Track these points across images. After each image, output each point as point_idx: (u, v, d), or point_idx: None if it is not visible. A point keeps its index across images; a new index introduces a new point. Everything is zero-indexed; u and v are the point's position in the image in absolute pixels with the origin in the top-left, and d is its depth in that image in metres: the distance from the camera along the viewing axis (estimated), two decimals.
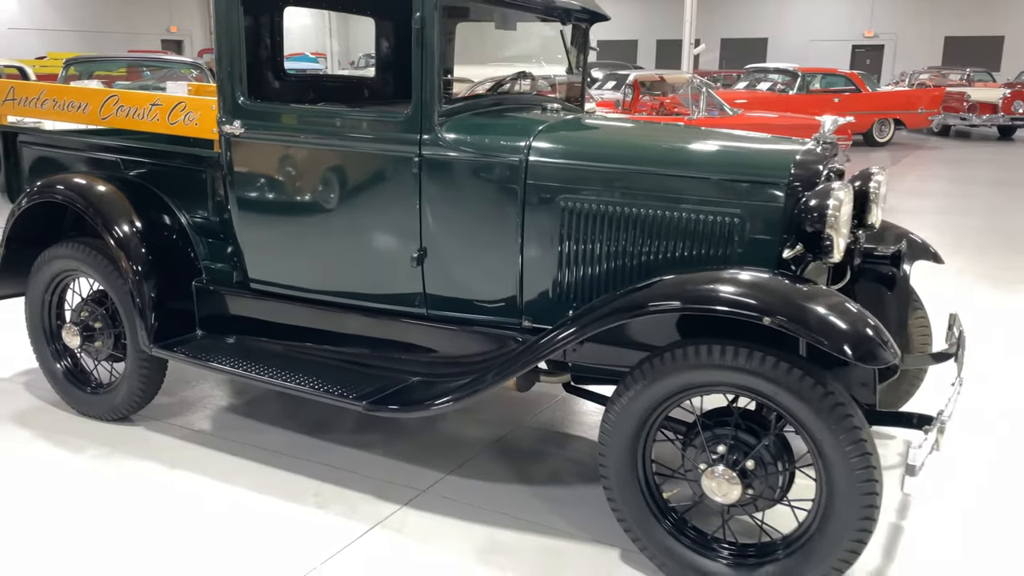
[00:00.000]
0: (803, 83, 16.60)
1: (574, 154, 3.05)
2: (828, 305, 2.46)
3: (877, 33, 31.35)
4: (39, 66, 17.27)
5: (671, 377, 2.59)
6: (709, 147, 3.11)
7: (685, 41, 20.40)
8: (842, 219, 2.67)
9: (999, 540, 3.04)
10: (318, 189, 3.33)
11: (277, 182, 3.41)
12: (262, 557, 2.87)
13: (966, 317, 3.76)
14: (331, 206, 3.31)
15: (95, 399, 3.89)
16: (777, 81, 16.96)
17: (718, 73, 24.90)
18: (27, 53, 22.32)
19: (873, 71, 30.74)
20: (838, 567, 2.49)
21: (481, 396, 2.96)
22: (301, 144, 3.34)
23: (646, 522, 2.73)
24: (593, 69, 23.19)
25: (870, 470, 2.38)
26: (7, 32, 27.05)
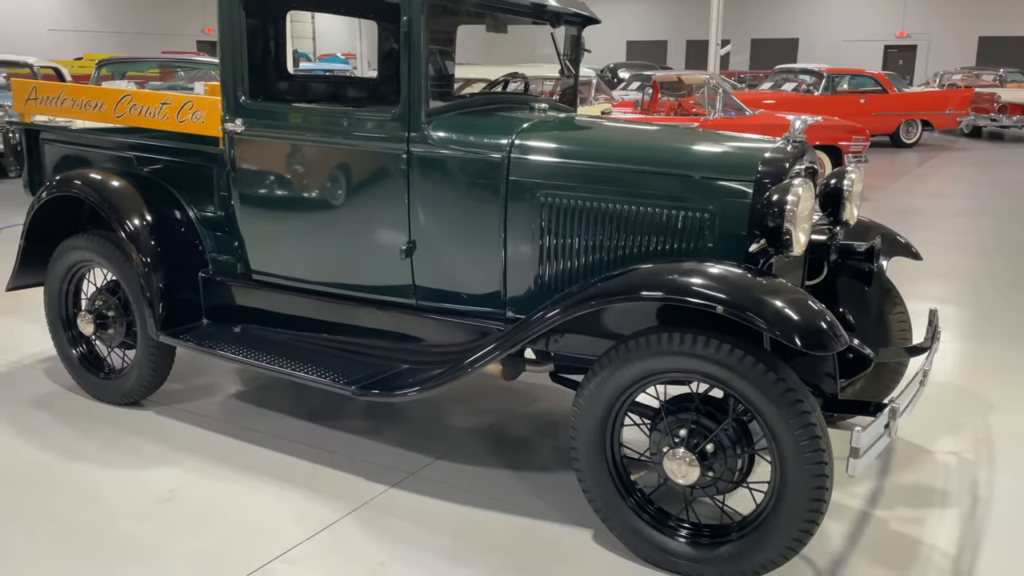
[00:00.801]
0: (829, 84, 16.53)
1: (554, 152, 3.19)
2: (781, 296, 2.57)
3: (910, 33, 31.04)
4: (77, 67, 17.71)
5: (634, 364, 2.71)
6: (683, 146, 3.22)
7: (711, 42, 20.40)
8: (800, 214, 2.77)
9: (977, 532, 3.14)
10: (313, 184, 3.50)
11: (275, 178, 3.58)
12: (249, 532, 3.03)
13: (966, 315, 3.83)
14: (326, 200, 3.48)
15: (108, 384, 4.09)
16: (802, 82, 16.90)
17: (744, 73, 24.83)
18: (67, 54, 22.88)
19: (906, 72, 30.45)
20: (791, 546, 2.60)
21: (457, 383, 3.11)
22: (297, 141, 3.52)
23: (613, 501, 2.86)
24: (620, 70, 23.31)
25: (819, 453, 2.49)
26: (48, 33, 27.69)
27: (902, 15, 30.96)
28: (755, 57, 32.71)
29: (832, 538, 3.04)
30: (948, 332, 5.45)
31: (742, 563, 2.68)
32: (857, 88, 17.17)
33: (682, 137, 3.38)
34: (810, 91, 16.58)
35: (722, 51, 20.59)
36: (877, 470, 3.56)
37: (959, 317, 5.81)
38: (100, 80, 11.57)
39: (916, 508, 3.25)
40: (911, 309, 3.76)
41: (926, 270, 7.19)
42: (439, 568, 2.83)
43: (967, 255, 7.89)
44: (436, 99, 3.44)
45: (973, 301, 6.26)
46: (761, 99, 16.40)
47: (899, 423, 2.69)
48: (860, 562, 2.90)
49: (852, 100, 16.67)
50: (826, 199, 3.48)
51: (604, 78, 21.43)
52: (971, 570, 2.86)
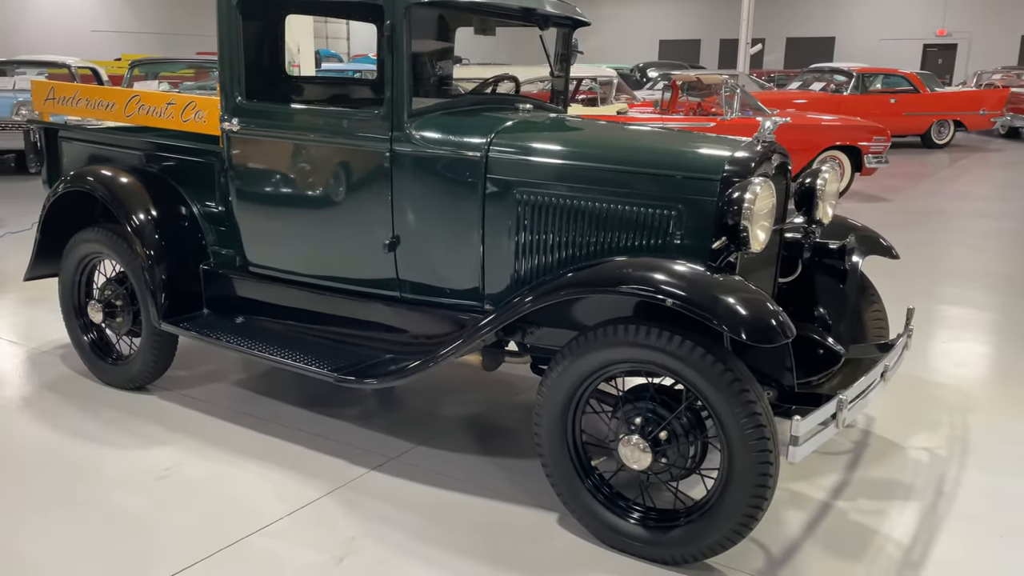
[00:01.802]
0: (859, 83, 16.42)
1: (529, 151, 3.31)
2: (730, 291, 2.68)
3: (950, 32, 30.58)
4: (116, 67, 18.17)
5: (593, 354, 2.84)
6: (654, 145, 3.34)
7: (741, 41, 20.37)
8: (757, 212, 2.88)
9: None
10: (304, 181, 3.67)
11: (268, 175, 3.77)
12: (234, 508, 3.21)
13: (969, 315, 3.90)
14: (315, 197, 3.65)
15: (115, 369, 4.31)
16: (831, 81, 16.81)
17: (775, 73, 24.68)
18: (108, 55, 23.44)
19: (945, 71, 30.03)
20: (738, 530, 2.71)
21: (439, 373, 3.26)
22: (289, 140, 3.69)
23: (573, 485, 2.99)
24: (649, 69, 23.30)
25: (763, 441, 2.59)
26: (90, 34, 28.38)
27: (942, 13, 30.52)
28: (790, 56, 32.44)
29: (789, 526, 3.14)
30: (947, 331, 5.50)
31: (691, 546, 2.79)
32: (888, 88, 17.03)
33: (655, 137, 3.50)
34: (839, 91, 16.49)
35: (752, 50, 20.56)
36: (846, 463, 3.65)
37: (960, 317, 5.84)
38: (133, 81, 11.89)
39: (878, 500, 3.34)
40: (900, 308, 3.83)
41: (931, 270, 7.22)
42: (406, 544, 2.99)
43: (981, 256, 7.87)
44: (422, 99, 3.60)
45: (978, 301, 6.27)
46: (791, 99, 16.36)
47: (847, 415, 2.78)
48: (813, 550, 3.00)
49: (882, 100, 16.54)
50: (800, 198, 3.58)
51: (632, 78, 21.49)
52: (922, 560, 2.95)
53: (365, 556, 2.92)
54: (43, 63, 14.30)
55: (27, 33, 26.72)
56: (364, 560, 2.90)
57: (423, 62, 4.22)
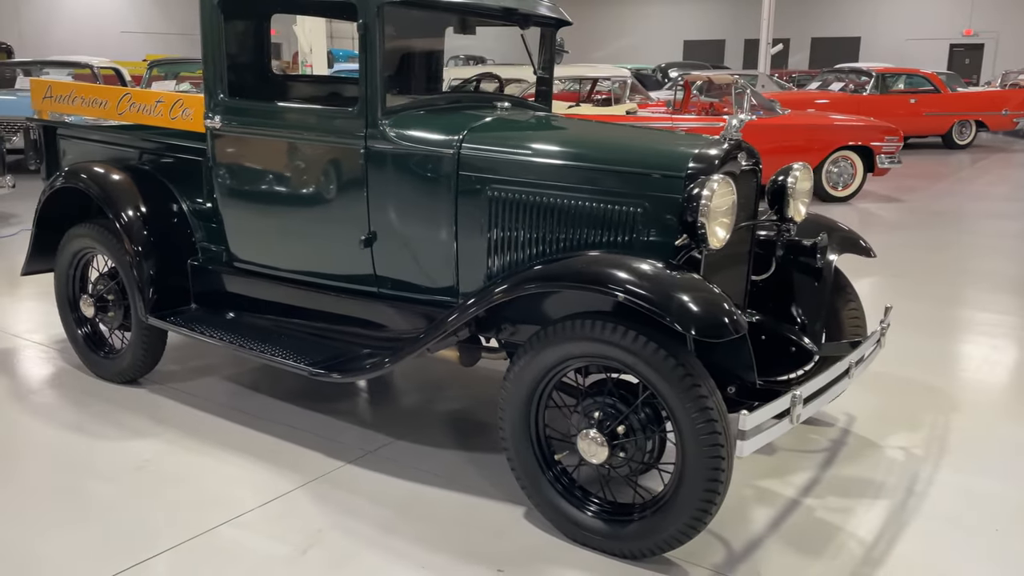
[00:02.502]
0: (878, 84, 16.28)
1: (500, 148, 3.35)
2: (681, 287, 2.70)
3: (977, 32, 30.18)
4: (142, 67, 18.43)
5: (553, 348, 2.87)
6: (621, 143, 3.36)
7: (762, 41, 20.32)
8: (715, 209, 2.89)
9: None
10: (283, 178, 3.74)
11: (249, 171, 3.84)
12: (206, 499, 3.28)
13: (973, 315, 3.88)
14: (294, 193, 3.72)
15: (107, 363, 4.40)
16: (850, 81, 16.68)
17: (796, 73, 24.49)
18: (137, 55, 23.78)
19: (972, 71, 29.64)
20: (692, 524, 2.72)
21: (398, 366, 3.31)
22: (268, 137, 3.76)
23: (536, 478, 3.03)
24: (671, 69, 23.24)
25: (715, 436, 2.61)
26: (120, 35, 28.81)
27: (969, 13, 30.13)
28: (815, 56, 32.17)
29: (754, 522, 3.15)
30: (943, 332, 5.47)
31: (648, 540, 2.81)
32: (908, 88, 16.86)
33: (624, 136, 3.52)
34: (858, 91, 16.36)
35: (773, 50, 20.48)
36: (820, 461, 3.64)
37: (959, 317, 5.80)
38: (152, 80, 12.08)
39: (847, 498, 3.34)
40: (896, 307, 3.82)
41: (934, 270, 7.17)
42: (372, 537, 3.03)
43: (989, 256, 7.79)
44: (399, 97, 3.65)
45: (979, 302, 6.21)
46: (811, 99, 16.26)
47: (802, 411, 2.78)
48: (774, 546, 3.01)
49: (902, 100, 16.40)
50: (772, 197, 3.59)
51: (653, 78, 21.46)
52: (882, 557, 2.95)
53: (329, 548, 2.97)
54: (67, 63, 14.54)
55: (59, 34, 27.18)
56: (328, 552, 2.94)
57: (408, 60, 4.28)
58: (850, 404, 4.15)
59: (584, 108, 10.43)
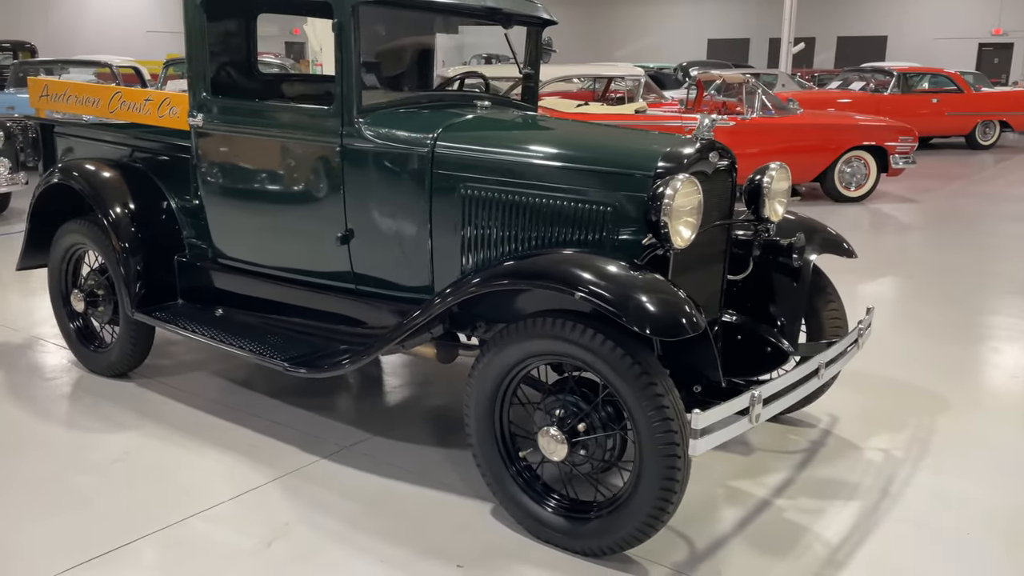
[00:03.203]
0: (900, 83, 16.09)
1: (473, 147, 3.36)
2: (640, 286, 2.70)
3: (1006, 31, 29.74)
4: None
5: (515, 345, 2.88)
6: (594, 141, 3.36)
7: (783, 39, 20.19)
8: (678, 208, 2.88)
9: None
10: (263, 175, 3.78)
11: (230, 169, 3.88)
12: (180, 491, 3.32)
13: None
14: (273, 191, 3.76)
15: (97, 357, 4.47)
16: (870, 80, 16.50)
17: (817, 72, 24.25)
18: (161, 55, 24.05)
19: (1001, 71, 29.22)
20: (649, 523, 2.72)
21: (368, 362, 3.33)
22: (248, 135, 3.80)
23: (499, 474, 3.04)
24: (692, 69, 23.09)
25: (671, 435, 2.60)
26: (146, 35, 29.17)
27: (998, 12, 29.69)
28: (841, 55, 31.85)
29: (721, 522, 3.14)
30: (937, 333, 5.41)
31: (607, 538, 2.81)
32: (933, 87, 16.65)
33: (598, 134, 3.52)
34: (879, 91, 16.18)
35: (795, 49, 20.34)
36: (796, 462, 3.62)
37: (955, 319, 5.72)
38: (168, 79, 12.21)
39: (819, 500, 3.31)
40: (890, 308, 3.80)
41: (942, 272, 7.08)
42: (338, 531, 3.05)
43: (995, 258, 7.69)
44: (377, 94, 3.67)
45: (977, 304, 6.13)
46: (831, 98, 16.11)
47: (762, 411, 2.76)
48: (739, 546, 2.99)
49: (924, 100, 16.21)
50: (748, 196, 3.57)
51: (673, 77, 21.34)
52: (846, 559, 2.92)
53: (294, 541, 2.99)
54: (88, 63, 14.73)
55: (86, 34, 27.58)
56: (292, 545, 2.97)
57: (394, 59, 4.30)
58: (835, 405, 4.12)
59: (593, 107, 10.41)
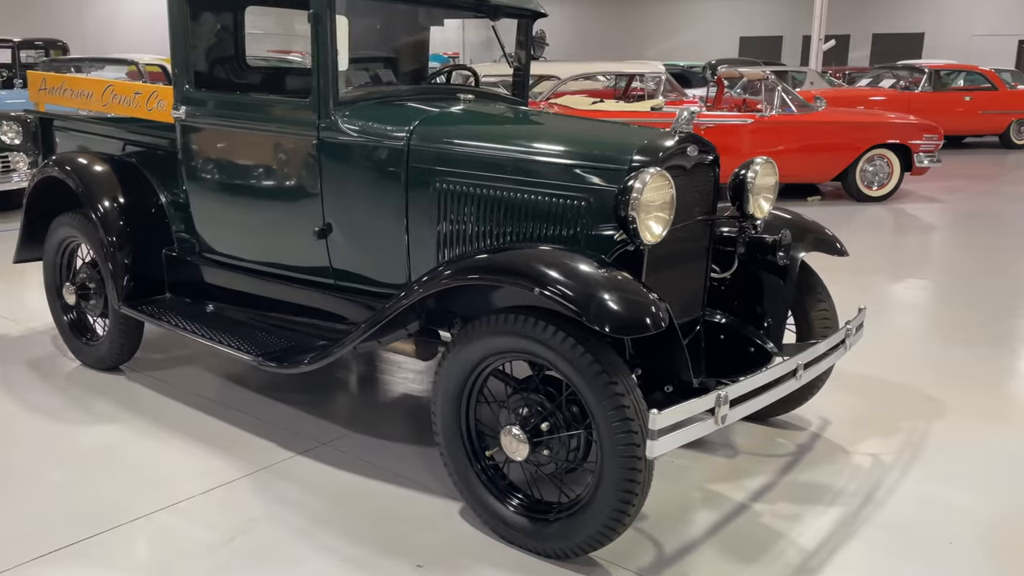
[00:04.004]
0: (932, 80, 15.76)
1: (448, 140, 3.31)
2: (600, 283, 2.63)
3: None
4: None
5: (479, 342, 2.83)
6: (567, 134, 3.30)
7: (814, 37, 19.90)
8: (647, 202, 2.80)
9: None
10: (243, 168, 3.77)
11: (213, 162, 3.88)
12: (152, 485, 3.31)
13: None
14: (253, 184, 3.74)
15: (88, 349, 4.49)
16: (901, 78, 16.19)
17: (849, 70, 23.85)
18: None
19: None
20: (611, 526, 2.65)
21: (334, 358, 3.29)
22: (229, 128, 3.79)
23: (465, 472, 2.98)
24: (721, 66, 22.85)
25: (630, 435, 2.53)
26: None
27: None
28: (876, 53, 31.29)
29: (694, 526, 3.06)
30: (947, 336, 5.26)
31: (569, 540, 2.74)
32: (968, 85, 16.29)
33: (574, 128, 3.46)
34: (910, 88, 15.87)
35: (825, 46, 20.03)
36: (780, 466, 3.53)
37: (970, 322, 5.57)
38: None
39: (798, 505, 3.22)
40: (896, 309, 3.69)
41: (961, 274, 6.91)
42: (302, 528, 3.02)
43: (1019, 260, 7.48)
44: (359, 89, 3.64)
45: (1000, 308, 5.95)
46: (863, 96, 15.83)
47: (730, 412, 2.68)
48: (709, 551, 2.91)
49: (956, 98, 15.86)
50: (732, 192, 3.48)
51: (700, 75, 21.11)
52: (819, 567, 2.83)
53: (256, 537, 2.97)
54: (116, 60, 14.89)
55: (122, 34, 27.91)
56: (253, 541, 2.94)
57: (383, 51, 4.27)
58: (827, 407, 4.02)
59: (609, 104, 10.31)
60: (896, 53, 26.03)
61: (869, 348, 4.76)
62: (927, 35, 31.05)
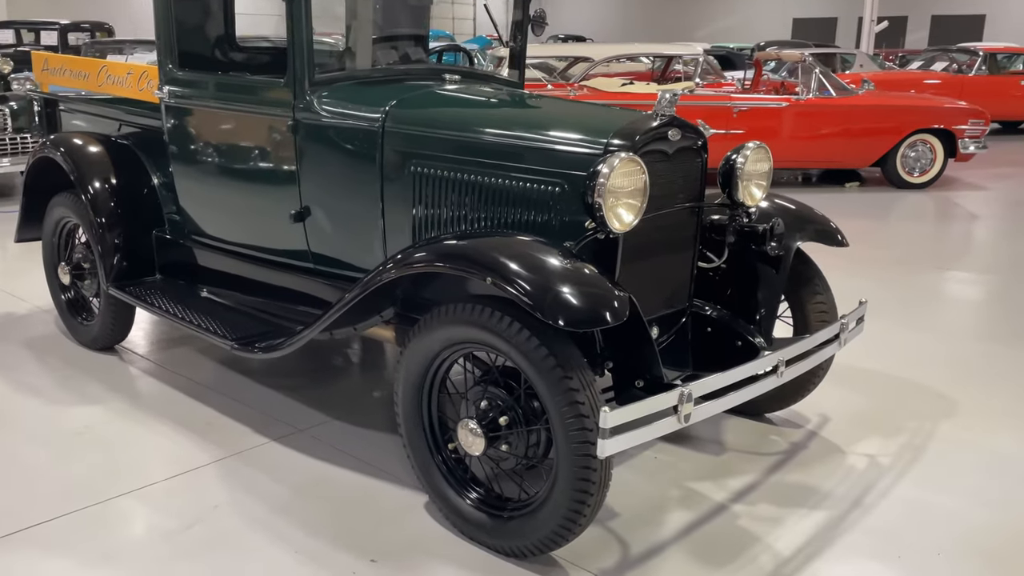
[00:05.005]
0: (987, 63, 15.16)
1: (421, 123, 3.21)
2: (558, 274, 2.50)
3: None
4: None
5: (438, 331, 2.72)
6: (545, 118, 3.18)
7: (866, 17, 19.34)
8: (614, 188, 2.66)
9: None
10: (222, 149, 3.71)
11: (195, 143, 3.82)
12: (123, 468, 3.28)
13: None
14: (233, 166, 3.69)
15: (83, 329, 4.49)
16: (954, 61, 15.60)
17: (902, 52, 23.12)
18: None
19: None
20: (566, 526, 2.53)
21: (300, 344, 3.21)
22: (209, 109, 3.73)
23: (427, 464, 2.89)
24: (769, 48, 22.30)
25: (585, 432, 2.41)
26: None
27: None
28: (935, 35, 30.29)
29: (666, 526, 2.93)
30: (972, 333, 5.02)
31: (527, 538, 2.64)
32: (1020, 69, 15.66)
33: (552, 110, 3.33)
34: (963, 72, 15.29)
35: (877, 28, 19.45)
36: (769, 465, 3.37)
37: (1000, 317, 5.30)
38: None
39: (781, 507, 3.06)
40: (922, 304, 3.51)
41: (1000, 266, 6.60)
42: (261, 516, 2.96)
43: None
44: None
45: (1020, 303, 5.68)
46: (914, 80, 15.31)
47: (695, 410, 2.53)
48: (676, 554, 2.78)
49: (1012, 82, 15.22)
50: (723, 179, 3.31)
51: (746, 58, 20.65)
52: (792, 574, 2.68)
53: (215, 526, 2.91)
54: None
55: None
56: (211, 529, 2.89)
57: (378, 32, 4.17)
58: (829, 405, 3.84)
59: (638, 86, 10.09)
60: (956, 35, 25.20)
61: (887, 342, 4.59)
62: (989, 17, 29.97)
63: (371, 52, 4.13)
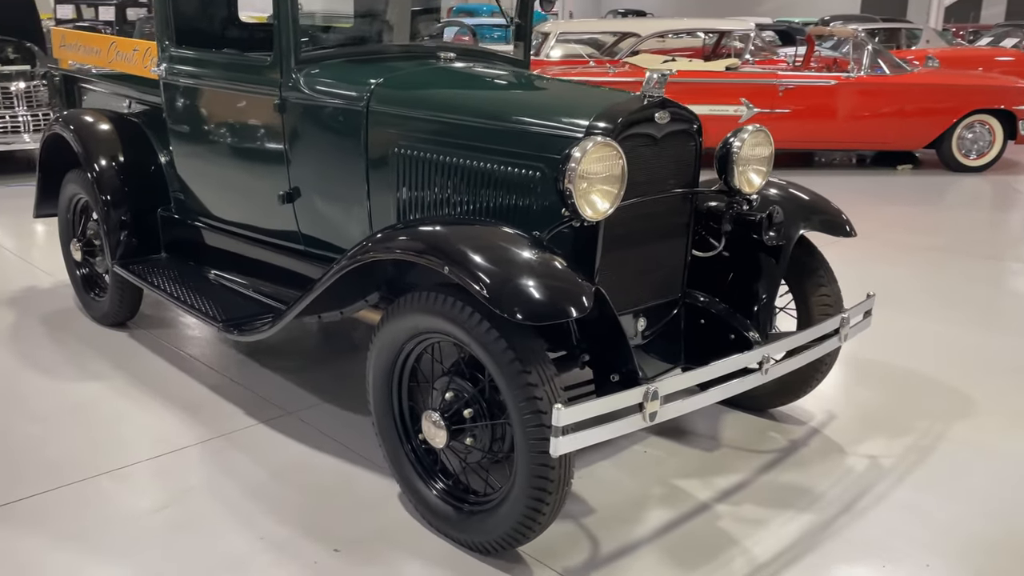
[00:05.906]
0: None
1: (405, 103, 3.14)
2: (520, 265, 2.41)
3: None
4: None
5: (405, 318, 2.65)
6: (528, 98, 3.08)
7: None
8: (586, 173, 2.54)
9: None
10: (216, 128, 3.69)
11: (190, 120, 3.82)
12: (109, 446, 3.30)
13: None
14: (224, 144, 3.67)
15: (95, 304, 4.55)
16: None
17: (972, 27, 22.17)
18: None
19: None
20: (526, 524, 2.45)
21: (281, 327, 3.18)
22: (201, 87, 3.71)
23: (396, 453, 2.85)
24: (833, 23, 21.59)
25: (542, 428, 2.32)
26: None
27: None
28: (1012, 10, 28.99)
29: (642, 525, 2.83)
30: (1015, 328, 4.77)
31: (489, 534, 2.57)
32: None
33: (536, 91, 3.23)
34: None
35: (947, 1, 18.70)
36: (762, 464, 3.23)
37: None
38: None
39: (767, 508, 2.93)
40: None
41: None
42: (233, 501, 2.94)
43: None
44: None
45: None
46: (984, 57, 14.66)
47: (662, 409, 2.42)
48: (648, 555, 2.68)
49: None
50: (719, 164, 3.16)
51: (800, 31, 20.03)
52: None
53: (186, 508, 2.91)
54: None
55: None
56: (182, 512, 2.88)
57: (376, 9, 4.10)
58: (837, 400, 3.70)
59: (681, 62, 9.82)
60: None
61: (914, 336, 4.40)
62: None
63: (374, 28, 4.06)
